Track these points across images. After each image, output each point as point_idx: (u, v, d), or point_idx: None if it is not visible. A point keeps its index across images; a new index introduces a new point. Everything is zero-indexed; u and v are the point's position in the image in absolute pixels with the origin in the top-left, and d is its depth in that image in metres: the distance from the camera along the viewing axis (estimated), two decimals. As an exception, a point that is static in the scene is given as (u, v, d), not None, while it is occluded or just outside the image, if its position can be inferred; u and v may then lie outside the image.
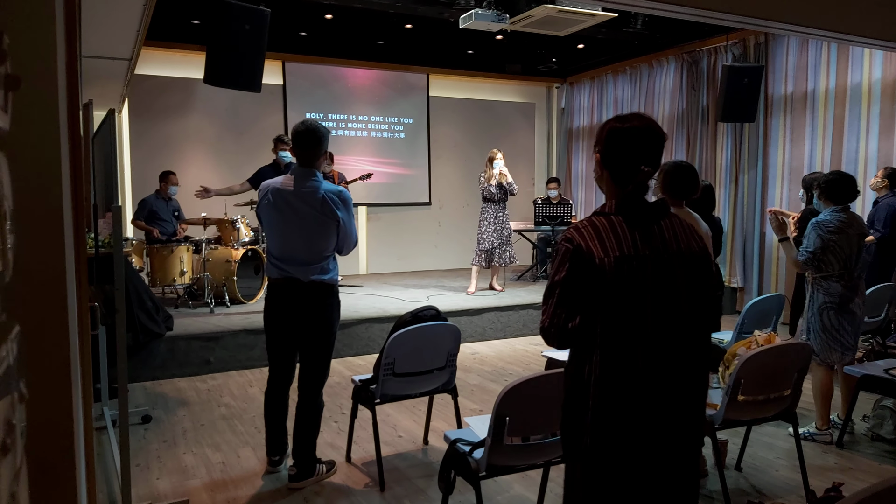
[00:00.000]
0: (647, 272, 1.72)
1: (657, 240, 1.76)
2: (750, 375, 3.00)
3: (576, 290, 1.72)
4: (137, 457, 3.73)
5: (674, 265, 1.76)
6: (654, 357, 1.73)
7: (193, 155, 8.60)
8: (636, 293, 1.71)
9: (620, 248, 1.71)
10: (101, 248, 3.28)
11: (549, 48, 9.01)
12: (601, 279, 1.70)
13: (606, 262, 1.70)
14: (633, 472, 1.75)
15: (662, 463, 1.77)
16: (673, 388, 1.75)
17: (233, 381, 5.31)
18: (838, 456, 3.77)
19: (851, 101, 6.71)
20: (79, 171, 1.80)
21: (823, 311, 3.89)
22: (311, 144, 3.27)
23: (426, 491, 3.34)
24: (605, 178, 1.85)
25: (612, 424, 1.73)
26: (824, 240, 3.80)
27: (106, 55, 5.04)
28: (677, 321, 1.75)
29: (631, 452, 1.74)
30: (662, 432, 1.75)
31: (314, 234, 3.28)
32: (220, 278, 6.70)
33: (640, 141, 1.79)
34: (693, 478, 1.85)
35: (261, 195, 3.39)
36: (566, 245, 1.75)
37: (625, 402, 1.73)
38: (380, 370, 3.33)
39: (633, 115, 1.83)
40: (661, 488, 1.78)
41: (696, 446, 1.84)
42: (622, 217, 1.76)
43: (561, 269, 1.74)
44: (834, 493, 2.73)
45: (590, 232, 1.74)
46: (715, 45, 8.10)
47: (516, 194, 7.59)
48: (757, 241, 7.79)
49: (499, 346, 6.56)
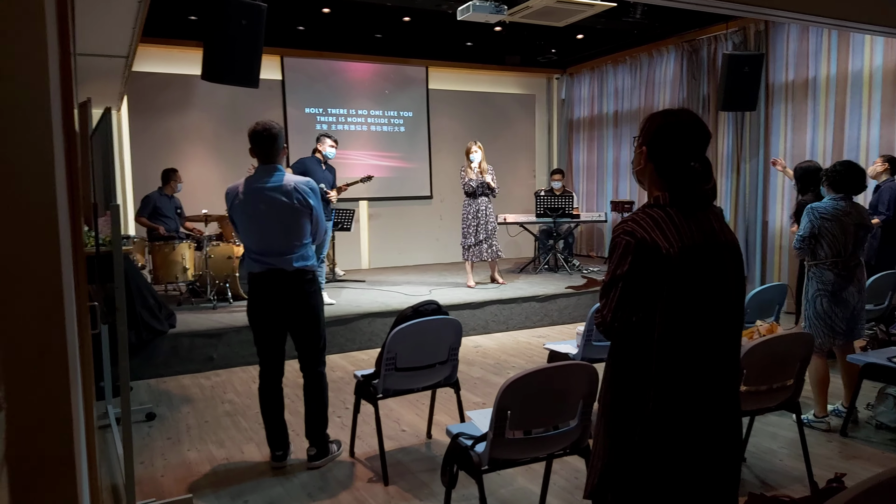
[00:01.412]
0: (707, 261, 1.76)
1: (710, 230, 1.80)
2: (753, 366, 2.99)
3: (639, 283, 1.74)
4: (142, 454, 3.74)
5: (724, 255, 1.80)
6: (710, 345, 1.77)
7: (193, 151, 8.59)
8: (698, 282, 1.75)
9: (682, 239, 1.73)
10: (101, 247, 3.28)
11: (549, 39, 8.97)
12: (667, 269, 1.72)
13: (672, 252, 1.71)
14: (689, 460, 1.79)
15: (716, 450, 1.82)
16: (724, 376, 1.81)
17: (236, 378, 5.32)
18: (842, 444, 3.76)
19: (853, 89, 6.68)
20: (74, 170, 1.79)
21: (817, 299, 3.92)
22: (269, 142, 3.44)
23: (429, 485, 3.34)
24: (648, 171, 1.86)
25: (673, 413, 1.76)
26: (815, 225, 3.81)
27: (102, 53, 5.03)
28: (728, 309, 1.80)
29: (689, 441, 1.78)
30: (715, 423, 1.81)
31: (291, 224, 3.43)
32: (222, 275, 6.70)
33: (689, 136, 1.81)
34: (737, 464, 1.91)
35: (231, 198, 3.49)
36: (627, 239, 1.75)
37: (685, 389, 1.76)
38: (382, 365, 3.33)
39: (682, 110, 1.85)
40: (711, 475, 1.82)
41: (740, 432, 1.91)
42: (677, 208, 1.78)
43: (623, 262, 1.74)
44: (836, 485, 2.72)
45: (650, 224, 1.75)
46: (715, 34, 8.06)
47: (496, 196, 7.50)
48: (759, 231, 7.77)
49: (501, 338, 6.56)
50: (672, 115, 1.84)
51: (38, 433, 1.19)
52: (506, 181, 9.47)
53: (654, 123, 1.85)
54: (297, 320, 3.49)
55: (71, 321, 1.45)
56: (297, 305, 3.46)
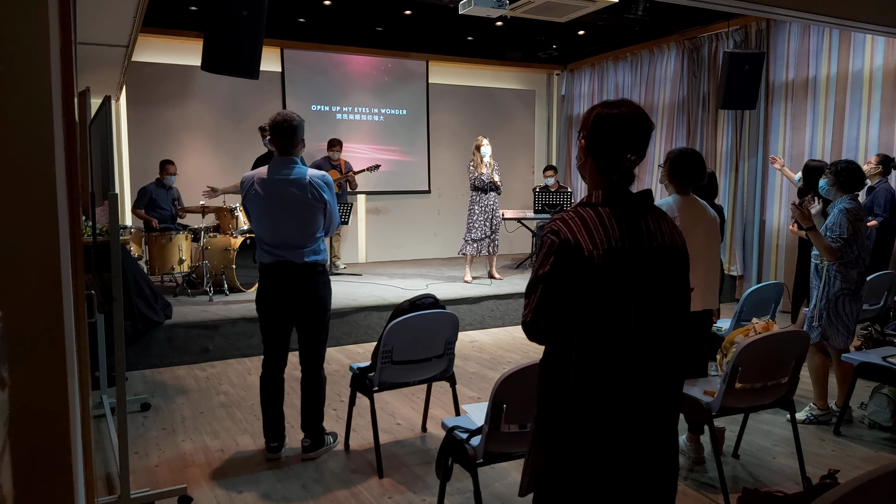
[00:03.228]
0: (634, 266, 1.68)
1: (643, 233, 1.71)
2: (748, 363, 3.00)
3: (561, 284, 1.67)
4: (136, 444, 3.74)
5: (658, 258, 1.72)
6: (636, 351, 1.69)
7: (192, 143, 8.57)
8: (622, 287, 1.67)
9: (609, 241, 1.66)
10: (98, 236, 3.28)
11: (550, 35, 8.95)
12: (589, 272, 1.65)
13: (595, 255, 1.64)
14: (609, 465, 1.72)
15: (640, 456, 1.74)
16: (651, 383, 1.72)
17: (231, 369, 5.32)
18: (835, 443, 3.78)
19: (853, 88, 6.68)
20: (74, 158, 1.79)
21: (839, 298, 3.91)
22: (288, 134, 3.42)
23: (424, 478, 3.35)
24: (588, 166, 1.78)
25: (590, 419, 1.70)
26: (855, 227, 3.81)
27: (102, 42, 5.01)
28: (659, 314, 1.72)
29: (608, 447, 1.71)
30: (640, 428, 1.73)
31: (304, 217, 3.42)
32: (219, 266, 6.69)
33: (627, 128, 1.72)
34: (672, 472, 1.82)
35: (245, 187, 3.48)
36: (552, 238, 1.69)
37: (604, 396, 1.69)
38: (378, 358, 3.34)
39: (621, 101, 1.76)
40: (639, 481, 1.74)
41: (673, 442, 1.81)
42: (609, 208, 1.71)
43: (546, 262, 1.69)
44: (829, 481, 2.73)
45: (577, 224, 1.68)
46: (716, 32, 8.05)
47: (500, 193, 7.56)
48: (757, 229, 7.78)
49: (497, 334, 6.56)
50: (611, 106, 1.74)
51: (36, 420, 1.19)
52: (505, 177, 9.42)
53: (592, 114, 1.76)
54: (305, 312, 3.50)
55: (69, 309, 1.45)
56: (305, 297, 3.48)
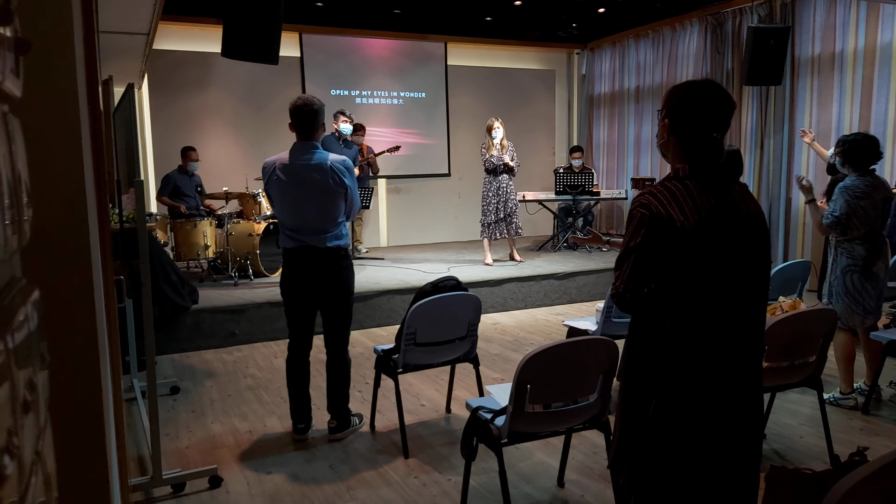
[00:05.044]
0: (726, 233, 1.75)
1: (732, 202, 1.78)
2: (775, 342, 2.98)
3: (652, 255, 1.75)
4: (167, 426, 3.82)
5: (746, 229, 1.79)
6: (727, 319, 1.77)
7: (213, 129, 8.63)
8: (715, 255, 1.74)
9: (698, 212, 1.72)
10: (125, 223, 3.33)
11: (569, 13, 8.84)
12: (682, 242, 1.71)
13: (687, 224, 1.71)
14: (705, 429, 1.79)
15: (732, 426, 1.81)
16: (742, 347, 1.80)
17: (258, 353, 5.39)
18: (864, 422, 3.74)
19: (881, 62, 6.51)
20: (100, 145, 1.81)
21: (847, 274, 3.84)
22: (309, 118, 3.41)
23: (449, 458, 3.38)
24: (671, 145, 1.84)
25: (686, 385, 1.76)
26: (851, 206, 3.73)
27: (124, 30, 5.05)
28: (748, 283, 1.79)
29: (703, 411, 1.78)
30: (733, 392, 1.80)
31: (326, 202, 3.43)
32: (243, 252, 6.76)
33: (710, 109, 1.79)
34: (758, 438, 1.91)
35: (267, 172, 3.49)
36: (642, 211, 1.76)
37: (699, 361, 1.76)
38: (402, 340, 3.36)
39: (705, 81, 1.83)
40: (731, 443, 1.82)
41: (759, 404, 1.90)
42: (697, 181, 1.77)
43: (637, 234, 1.76)
44: (858, 458, 2.70)
45: (666, 197, 1.75)
46: (740, 6, 7.88)
47: (514, 175, 7.41)
48: (783, 207, 7.66)
49: (520, 316, 6.57)
50: (694, 86, 1.82)
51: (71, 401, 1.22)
52: (525, 158, 9.40)
53: (675, 95, 1.83)
54: (329, 296, 3.53)
55: (99, 293, 1.48)
56: (329, 281, 3.50)
